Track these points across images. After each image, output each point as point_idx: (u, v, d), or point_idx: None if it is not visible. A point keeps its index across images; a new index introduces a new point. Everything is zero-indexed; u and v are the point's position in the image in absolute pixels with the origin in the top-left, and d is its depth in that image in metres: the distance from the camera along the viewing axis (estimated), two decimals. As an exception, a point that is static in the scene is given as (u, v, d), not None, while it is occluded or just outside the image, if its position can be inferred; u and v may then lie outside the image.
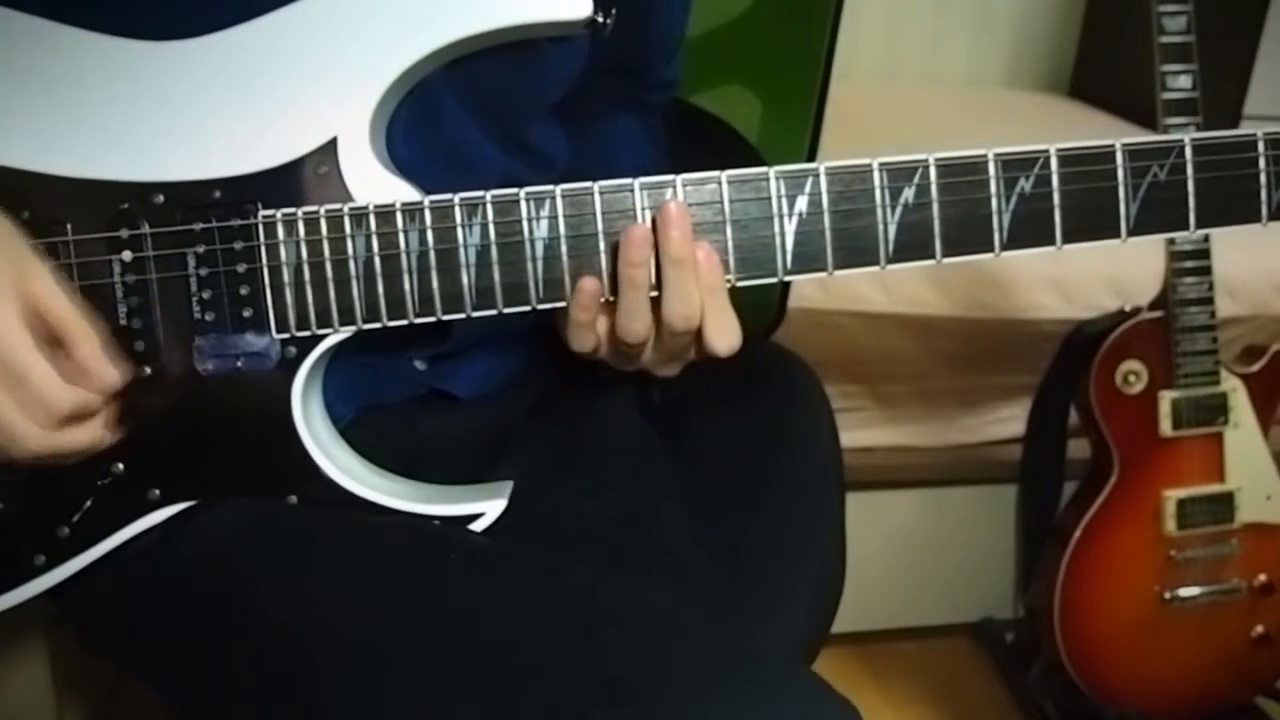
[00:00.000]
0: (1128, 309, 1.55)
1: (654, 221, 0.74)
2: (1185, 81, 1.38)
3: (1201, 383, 1.51)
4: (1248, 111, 2.15)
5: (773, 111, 1.35)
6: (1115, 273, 1.66)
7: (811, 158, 1.31)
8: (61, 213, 0.72)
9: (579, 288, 0.75)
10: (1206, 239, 1.46)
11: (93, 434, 0.73)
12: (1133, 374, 1.51)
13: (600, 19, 0.75)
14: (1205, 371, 1.50)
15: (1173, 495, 1.52)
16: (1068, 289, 1.66)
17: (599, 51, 0.86)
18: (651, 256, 0.74)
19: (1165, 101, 1.38)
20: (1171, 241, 1.46)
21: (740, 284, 0.75)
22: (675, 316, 0.74)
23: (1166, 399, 1.51)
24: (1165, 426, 1.51)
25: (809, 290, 1.57)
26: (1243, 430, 1.53)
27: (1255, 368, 1.54)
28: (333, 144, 0.74)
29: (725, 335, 0.75)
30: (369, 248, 0.73)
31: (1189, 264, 1.47)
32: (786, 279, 0.75)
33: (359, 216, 0.73)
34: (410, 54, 0.74)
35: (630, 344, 0.76)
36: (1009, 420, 1.77)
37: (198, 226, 0.73)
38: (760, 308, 1.37)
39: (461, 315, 0.74)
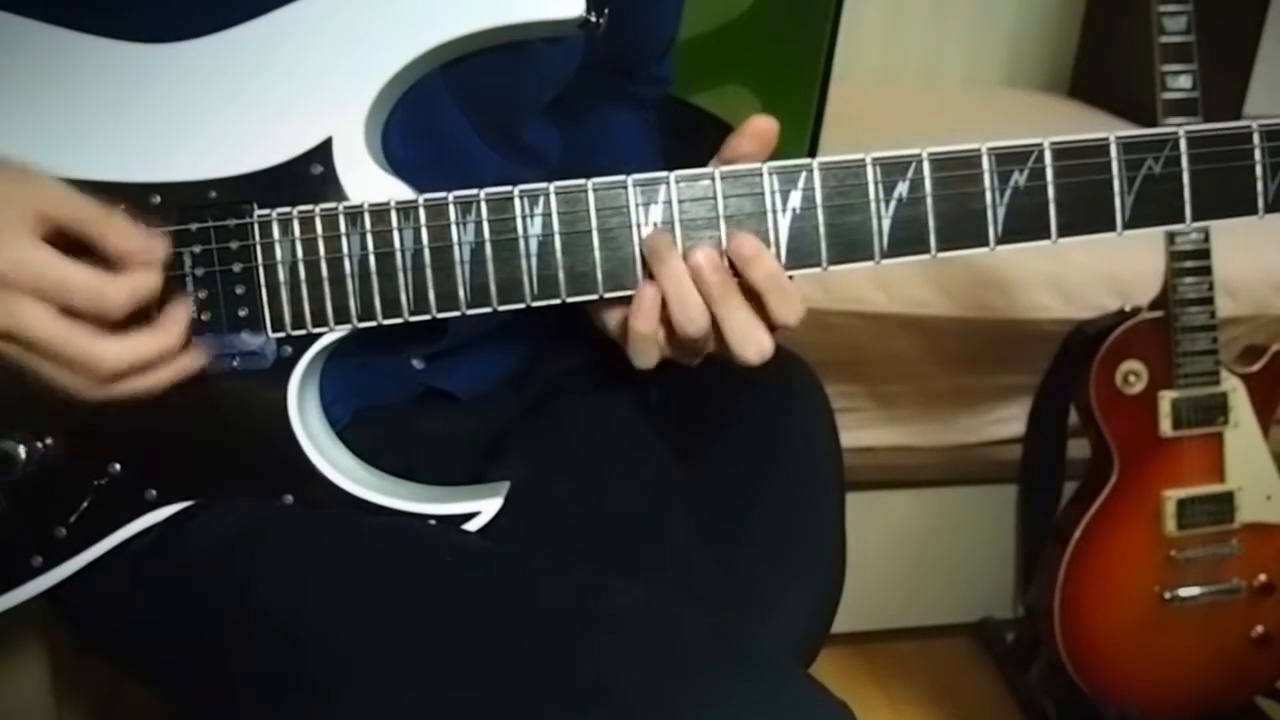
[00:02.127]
0: (1128, 309, 1.55)
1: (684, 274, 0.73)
2: (1185, 81, 1.38)
3: (1201, 383, 1.51)
4: (1248, 111, 2.15)
5: (773, 112, 1.35)
6: (1115, 273, 1.66)
7: (812, 157, 1.31)
8: None
9: (640, 299, 0.74)
10: (1206, 239, 1.46)
11: (162, 338, 0.71)
12: (1133, 374, 1.51)
13: (593, 19, 0.75)
14: (1205, 371, 1.50)
15: (1173, 495, 1.52)
16: (1068, 289, 1.66)
17: (592, 50, 0.86)
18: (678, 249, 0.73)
19: (1165, 101, 1.38)
20: (1172, 241, 1.46)
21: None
22: (688, 325, 0.74)
23: (1166, 399, 1.51)
24: (1165, 426, 1.51)
25: (809, 290, 1.57)
26: (1243, 430, 1.53)
27: (1255, 368, 1.54)
28: (328, 144, 0.74)
29: (794, 310, 0.75)
30: (364, 246, 0.73)
31: (1189, 264, 1.47)
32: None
33: (354, 215, 0.73)
34: (404, 55, 0.74)
35: (693, 335, 0.74)
36: (1009, 420, 1.77)
37: (194, 226, 0.73)
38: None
39: (456, 313, 0.74)
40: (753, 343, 0.74)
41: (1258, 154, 0.76)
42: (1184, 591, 1.55)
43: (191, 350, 0.73)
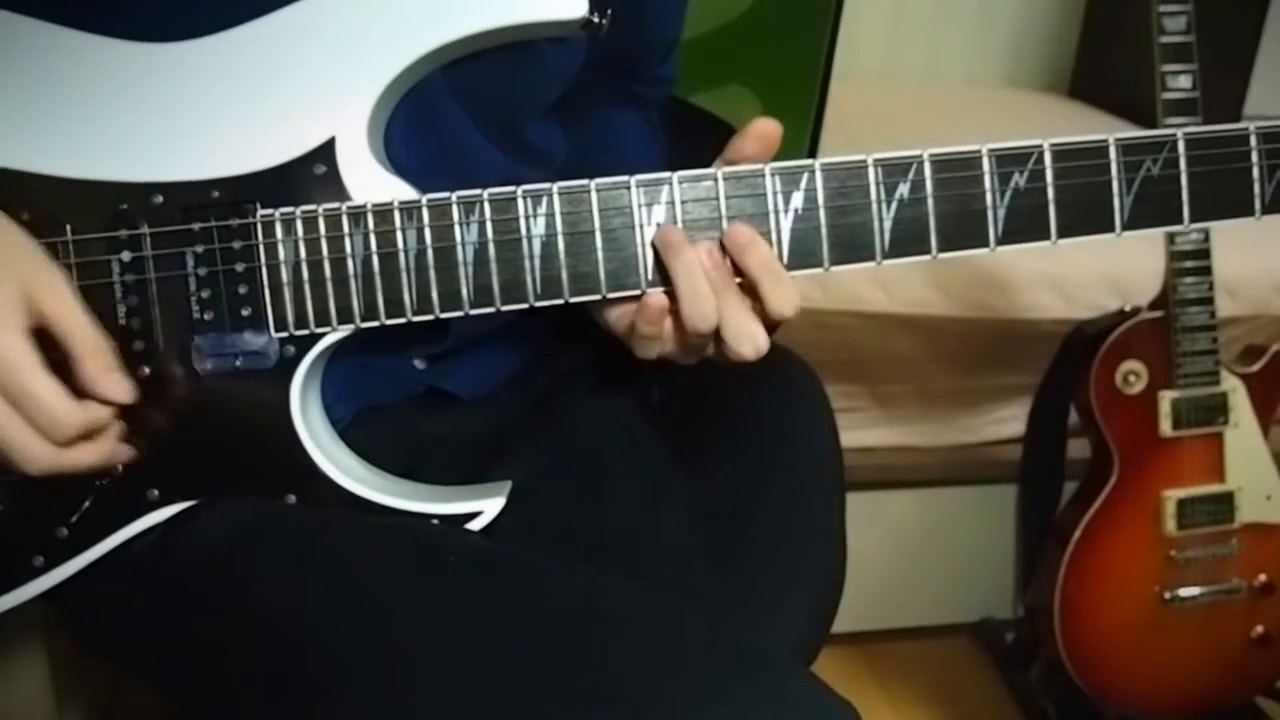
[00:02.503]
0: (1128, 309, 1.56)
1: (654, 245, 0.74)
2: (1185, 81, 1.38)
3: (1201, 383, 1.51)
4: (1248, 111, 2.15)
5: (773, 112, 1.35)
6: (1115, 273, 1.66)
7: (812, 158, 1.31)
8: (61, 213, 0.72)
9: (645, 304, 0.74)
10: (1206, 239, 1.46)
11: (102, 450, 0.72)
12: (1133, 374, 1.51)
13: (596, 19, 0.75)
14: (1205, 371, 1.50)
15: (1173, 495, 1.52)
16: (1068, 289, 1.66)
17: (595, 50, 0.86)
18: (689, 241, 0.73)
19: (1165, 101, 1.38)
20: (1172, 241, 1.47)
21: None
22: (700, 323, 0.74)
23: (1166, 399, 1.51)
24: (1165, 426, 1.51)
25: (809, 290, 1.58)
26: (1243, 430, 1.53)
27: (1255, 368, 1.54)
28: (330, 144, 0.74)
29: (789, 299, 0.75)
30: (367, 246, 0.73)
31: (1189, 264, 1.47)
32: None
33: (357, 215, 0.73)
34: (407, 55, 0.74)
35: (704, 331, 0.75)
36: (1009, 420, 1.77)
37: (196, 226, 0.73)
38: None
39: (459, 314, 0.74)
40: (748, 338, 0.74)
41: (1255, 156, 0.77)
42: (1184, 591, 1.55)
43: (122, 448, 0.74)
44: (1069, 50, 2.67)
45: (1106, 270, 1.66)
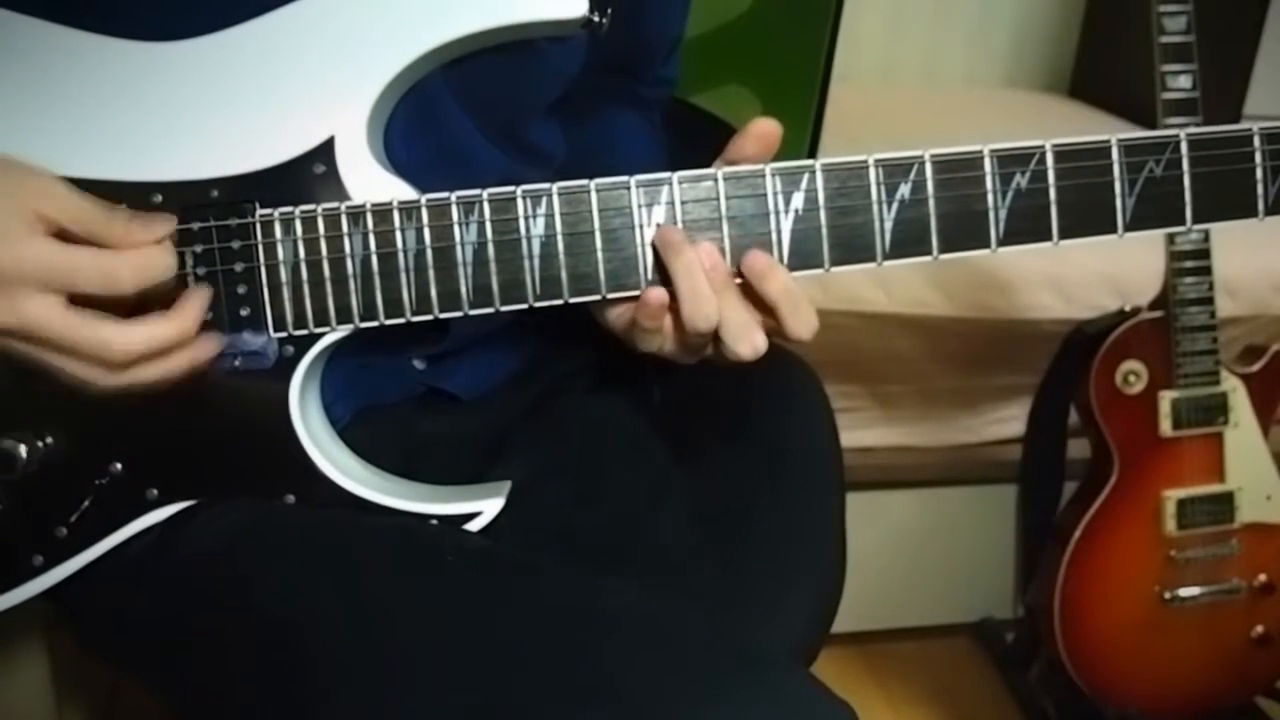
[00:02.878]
0: (1128, 309, 1.56)
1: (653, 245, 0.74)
2: (1185, 81, 1.38)
3: (1201, 383, 1.51)
4: (1248, 111, 2.15)
5: (773, 112, 1.35)
6: (1115, 273, 1.66)
7: (812, 158, 1.31)
8: None
9: (645, 300, 0.74)
10: (1207, 239, 1.46)
11: (176, 323, 0.71)
12: (1133, 374, 1.51)
13: (596, 18, 0.75)
14: (1205, 371, 1.50)
15: (1173, 495, 1.52)
16: (1068, 289, 1.66)
17: (596, 50, 0.86)
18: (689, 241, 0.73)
19: (1165, 101, 1.38)
20: (1171, 241, 1.47)
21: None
22: (704, 324, 0.74)
23: (1166, 399, 1.51)
24: (1165, 426, 1.51)
25: (809, 290, 1.56)
26: (1243, 430, 1.53)
27: (1255, 368, 1.54)
28: (330, 143, 0.74)
29: (806, 324, 0.76)
30: (366, 246, 0.73)
31: (1189, 264, 1.47)
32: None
33: (356, 215, 0.73)
34: (406, 54, 0.74)
35: (704, 331, 0.74)
36: (1009, 420, 1.77)
37: (195, 226, 0.73)
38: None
39: (459, 314, 0.74)
40: (747, 339, 0.74)
41: (1258, 157, 0.76)
42: (1184, 591, 1.55)
43: (204, 339, 0.73)
44: (1069, 50, 2.67)
45: (1106, 270, 1.66)
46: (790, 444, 0.93)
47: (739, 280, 0.74)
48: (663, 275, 0.74)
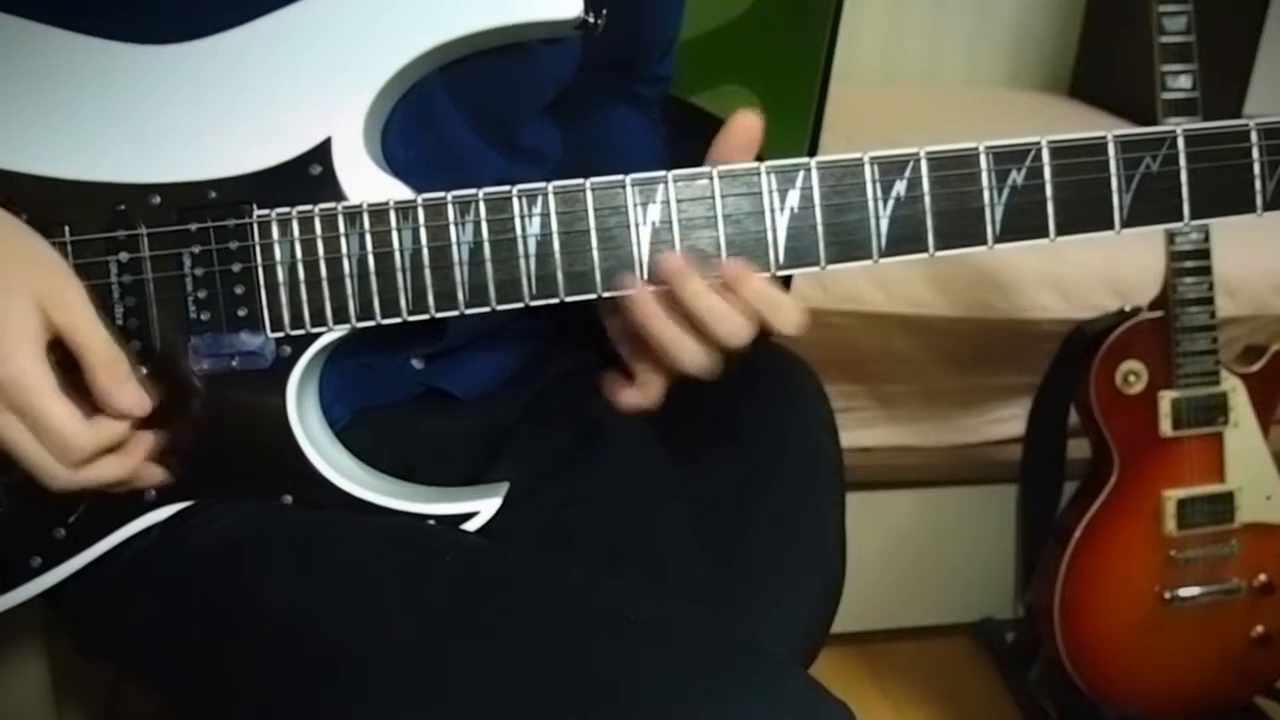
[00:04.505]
0: (1128, 309, 1.56)
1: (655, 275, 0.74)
2: (1185, 81, 1.38)
3: (1201, 383, 1.51)
4: (1248, 111, 2.15)
5: (773, 112, 1.35)
6: (1115, 273, 1.66)
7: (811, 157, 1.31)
8: (59, 214, 0.72)
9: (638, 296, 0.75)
10: (1206, 239, 1.46)
11: (125, 464, 0.72)
12: (1133, 374, 1.51)
13: (591, 19, 0.75)
14: (1205, 371, 1.50)
15: (1173, 495, 1.52)
16: (1068, 289, 1.66)
17: (592, 50, 0.86)
18: (663, 312, 0.74)
19: (1165, 101, 1.38)
20: (1171, 241, 1.46)
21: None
22: (728, 339, 0.75)
23: (1166, 399, 1.51)
24: (1165, 426, 1.51)
25: (809, 290, 1.57)
26: (1243, 430, 1.53)
27: (1255, 368, 1.54)
28: (327, 145, 0.74)
29: (792, 320, 0.75)
30: (363, 246, 0.73)
31: (1189, 264, 1.47)
32: (780, 274, 0.75)
33: (353, 215, 0.73)
34: (403, 56, 0.74)
35: (736, 345, 0.76)
36: (1009, 420, 1.77)
37: (193, 227, 0.73)
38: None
39: (455, 313, 0.74)
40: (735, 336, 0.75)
41: (1255, 152, 0.76)
42: (1184, 591, 1.55)
43: (148, 467, 0.74)
44: (1069, 50, 2.67)
45: (1106, 270, 1.66)
46: (790, 444, 0.93)
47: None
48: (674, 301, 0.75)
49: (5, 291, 0.67)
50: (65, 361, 0.69)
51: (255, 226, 0.73)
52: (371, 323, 0.74)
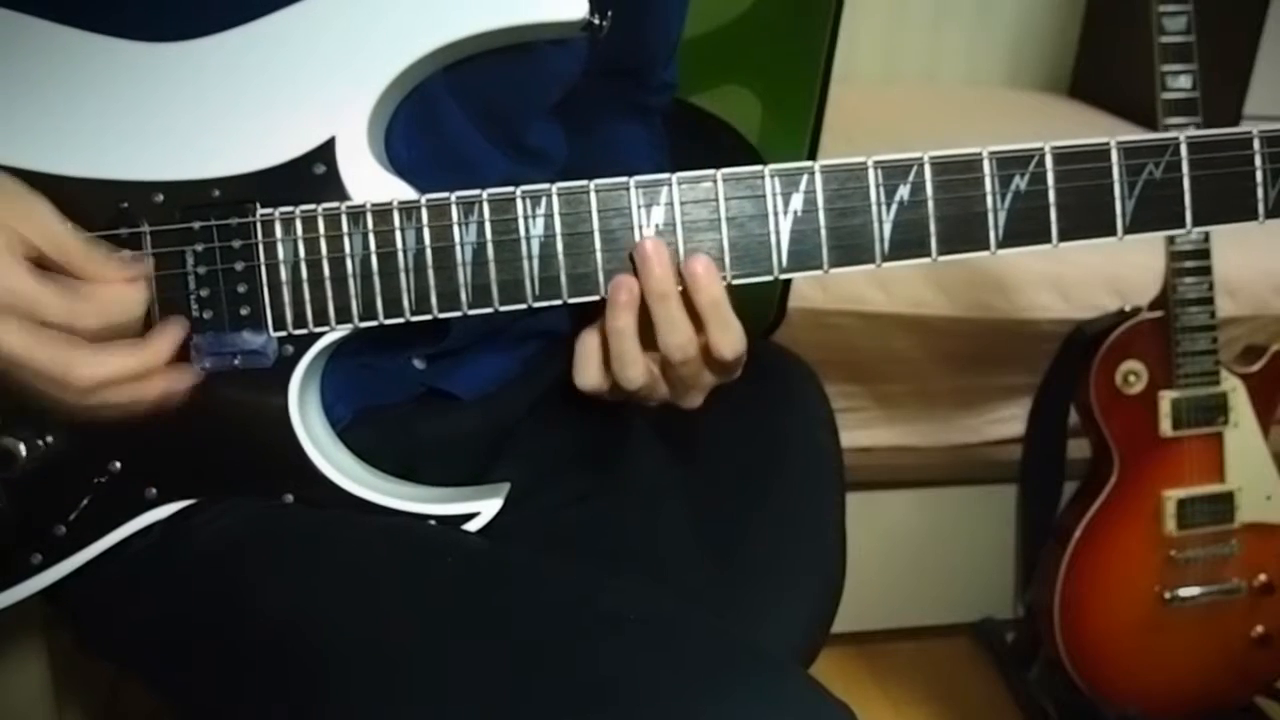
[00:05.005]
0: (1128, 309, 1.56)
1: (631, 256, 0.74)
2: (1185, 81, 1.38)
3: (1201, 383, 1.51)
4: (1248, 111, 2.15)
5: (773, 112, 1.35)
6: (1115, 273, 1.66)
7: (812, 158, 1.31)
8: (63, 212, 0.72)
9: (580, 347, 0.76)
10: (1206, 239, 1.46)
11: (142, 356, 0.71)
12: (1133, 374, 1.51)
13: (596, 20, 0.75)
14: (1205, 371, 1.50)
15: (1173, 495, 1.52)
16: (1068, 289, 1.66)
17: (597, 54, 0.86)
18: (637, 301, 0.74)
19: (1165, 102, 1.38)
20: (1171, 241, 1.47)
21: (736, 282, 0.75)
22: (670, 347, 0.74)
23: (1166, 399, 1.51)
24: (1165, 426, 1.51)
25: (809, 290, 1.58)
26: (1243, 430, 1.53)
27: (1255, 368, 1.54)
28: (330, 144, 0.74)
29: (731, 344, 0.74)
30: (366, 246, 0.73)
31: (1189, 264, 1.47)
32: (783, 277, 0.75)
33: (356, 215, 0.73)
34: (408, 56, 0.74)
35: (631, 391, 0.75)
36: (1009, 420, 1.77)
37: (196, 225, 0.73)
38: (760, 308, 1.37)
39: (458, 314, 0.74)
40: (728, 343, 0.74)
41: (1258, 160, 0.76)
42: (1184, 591, 1.55)
43: (176, 370, 0.73)
44: (1069, 50, 2.67)
45: (1106, 270, 1.66)
46: (790, 444, 0.93)
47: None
48: (646, 313, 0.74)
49: None
50: None
51: (258, 225, 0.73)
52: (374, 323, 0.74)
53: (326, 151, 0.74)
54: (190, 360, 0.74)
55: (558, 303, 0.74)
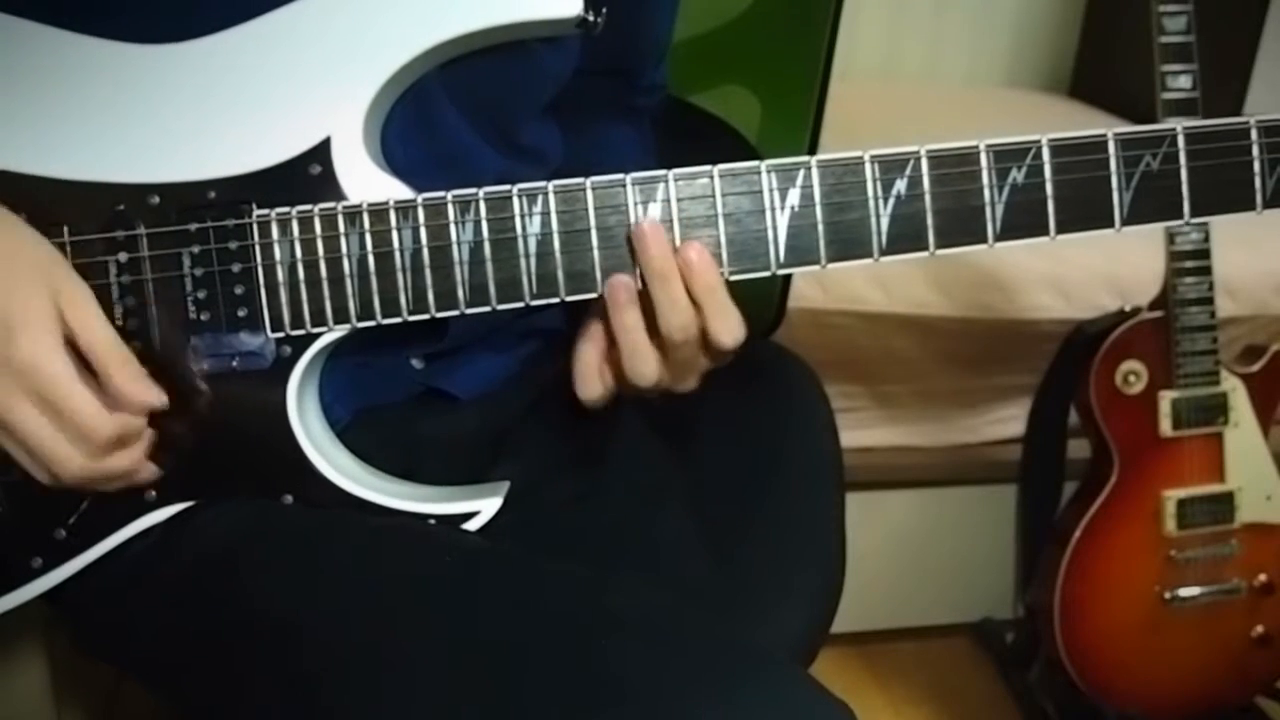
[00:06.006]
0: (1128, 309, 1.55)
1: (629, 239, 0.74)
2: (1185, 81, 1.38)
3: (1201, 383, 1.51)
4: (1248, 112, 2.14)
5: (773, 111, 1.35)
6: (1115, 273, 1.66)
7: (811, 157, 1.31)
8: (58, 215, 0.72)
9: (579, 365, 0.77)
10: (1206, 239, 1.46)
11: (134, 457, 0.73)
12: (1133, 374, 1.51)
13: (591, 18, 0.75)
14: (1205, 371, 1.50)
15: (1173, 495, 1.52)
16: (1068, 289, 1.66)
17: (590, 53, 0.86)
18: (637, 296, 0.74)
19: (1165, 101, 1.38)
20: (1172, 241, 1.46)
21: (734, 277, 0.75)
22: (673, 329, 0.74)
23: (1166, 399, 1.51)
24: (1165, 426, 1.51)
25: (809, 290, 1.57)
26: (1243, 430, 1.53)
27: (1255, 368, 1.54)
28: (326, 144, 0.74)
29: (730, 330, 0.75)
30: (363, 246, 0.73)
31: (1189, 264, 1.47)
32: (780, 272, 0.75)
33: (353, 215, 0.73)
34: (402, 55, 0.74)
35: (644, 387, 0.76)
36: (1009, 420, 1.77)
37: (193, 227, 0.73)
38: (760, 308, 1.37)
39: (455, 313, 0.74)
40: (727, 329, 0.74)
41: (1255, 150, 0.76)
42: (1184, 591, 1.55)
43: (146, 465, 0.75)
44: (1069, 50, 2.67)
45: (1107, 270, 1.66)
46: (790, 443, 0.93)
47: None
48: (647, 295, 0.74)
49: (24, 286, 0.68)
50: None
51: (255, 226, 0.73)
52: (372, 322, 0.74)
53: (322, 152, 0.74)
54: (189, 362, 0.74)
55: (555, 301, 0.74)
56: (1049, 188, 0.75)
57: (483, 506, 0.78)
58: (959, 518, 1.83)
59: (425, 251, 0.73)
